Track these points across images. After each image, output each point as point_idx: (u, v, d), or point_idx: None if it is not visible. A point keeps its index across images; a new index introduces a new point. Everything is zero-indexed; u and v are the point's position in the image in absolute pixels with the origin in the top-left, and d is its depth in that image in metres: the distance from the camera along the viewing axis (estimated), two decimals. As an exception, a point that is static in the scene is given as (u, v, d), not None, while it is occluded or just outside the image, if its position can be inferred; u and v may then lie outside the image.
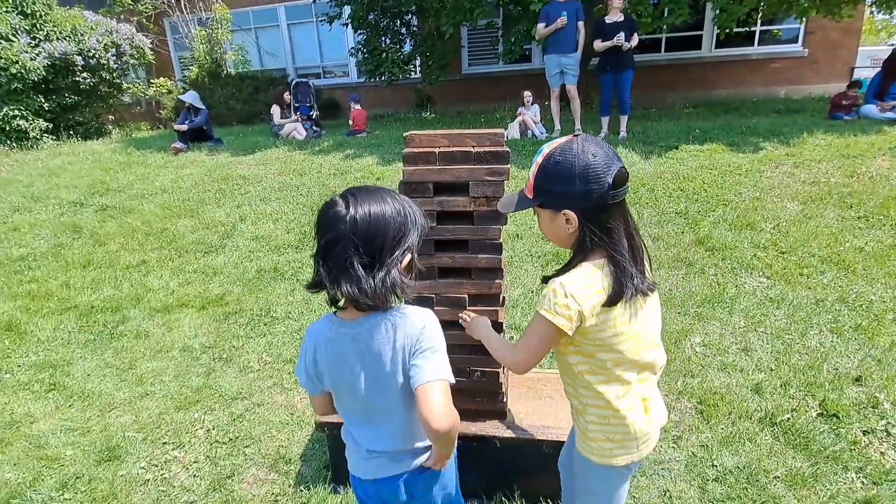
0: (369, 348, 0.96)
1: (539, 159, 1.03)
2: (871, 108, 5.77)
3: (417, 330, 0.96)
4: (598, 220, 0.99)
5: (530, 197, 1.05)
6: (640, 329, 1.04)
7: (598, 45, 5.38)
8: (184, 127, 6.69)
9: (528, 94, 6.40)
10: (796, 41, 8.66)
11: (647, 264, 1.05)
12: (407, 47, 8.61)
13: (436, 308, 1.50)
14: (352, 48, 9.02)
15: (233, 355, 2.76)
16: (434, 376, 0.92)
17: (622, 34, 5.18)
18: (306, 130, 7.13)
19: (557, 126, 6.02)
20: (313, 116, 7.50)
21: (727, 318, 2.78)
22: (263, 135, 7.39)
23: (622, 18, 5.31)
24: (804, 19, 7.32)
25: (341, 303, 0.98)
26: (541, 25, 5.55)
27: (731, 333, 2.66)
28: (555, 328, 0.99)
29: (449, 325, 1.36)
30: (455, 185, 1.41)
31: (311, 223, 4.57)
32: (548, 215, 1.05)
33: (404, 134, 1.44)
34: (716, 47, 8.93)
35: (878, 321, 2.64)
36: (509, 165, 1.43)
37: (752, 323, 2.73)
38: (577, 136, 1.02)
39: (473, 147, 1.39)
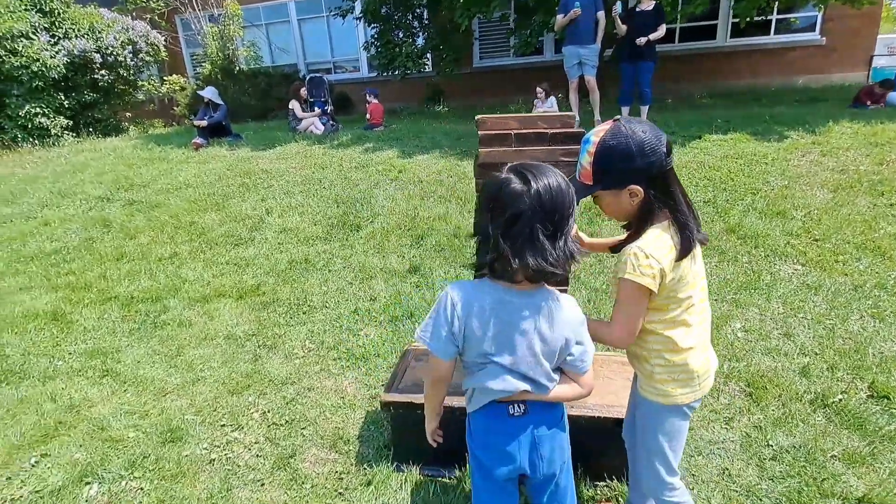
0: (540, 319, 1.04)
1: (591, 148, 1.09)
2: (896, 97, 5.74)
3: (578, 320, 1.09)
4: (661, 187, 1.10)
5: (590, 183, 1.12)
6: (700, 271, 1.16)
7: (621, 28, 5.37)
8: (203, 122, 6.74)
9: (540, 90, 6.39)
10: (814, 29, 8.57)
11: (698, 218, 1.16)
12: (420, 41, 8.60)
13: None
14: (365, 42, 9.03)
15: (276, 342, 2.80)
16: (591, 363, 1.12)
17: (618, 2, 5.22)
18: (324, 125, 7.16)
19: (577, 117, 6.00)
20: (328, 111, 7.52)
21: (765, 305, 2.79)
22: (281, 130, 7.42)
23: (651, 7, 5.29)
24: (823, 7, 7.24)
25: (517, 277, 1.00)
26: (559, 17, 5.54)
27: (771, 319, 2.68)
28: (644, 288, 1.08)
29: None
30: (528, 166, 1.44)
31: (337, 215, 4.58)
32: (610, 195, 1.13)
33: (476, 117, 1.46)
34: (731, 37, 8.85)
35: (919, 306, 2.65)
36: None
37: (792, 309, 2.74)
38: (617, 120, 1.10)
39: (547, 129, 1.41)
